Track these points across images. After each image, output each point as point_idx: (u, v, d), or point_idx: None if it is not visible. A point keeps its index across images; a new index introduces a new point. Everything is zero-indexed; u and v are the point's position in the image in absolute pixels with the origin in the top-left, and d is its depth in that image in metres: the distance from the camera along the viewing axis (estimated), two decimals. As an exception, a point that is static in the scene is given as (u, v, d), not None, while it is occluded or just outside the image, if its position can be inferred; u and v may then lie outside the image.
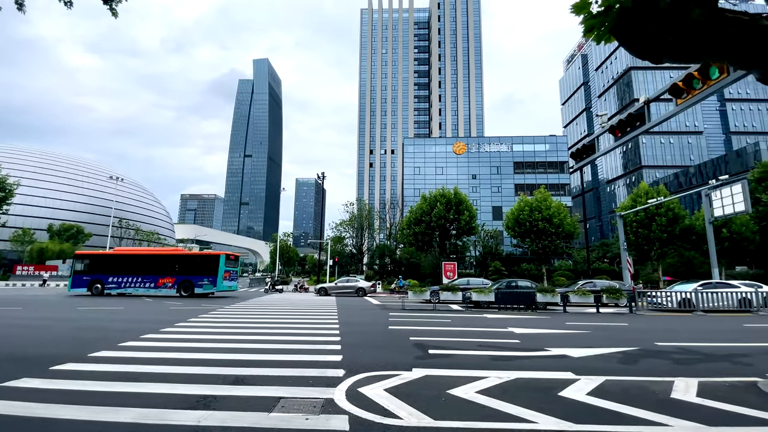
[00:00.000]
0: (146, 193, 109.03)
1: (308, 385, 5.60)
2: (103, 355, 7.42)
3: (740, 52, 2.54)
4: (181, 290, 24.74)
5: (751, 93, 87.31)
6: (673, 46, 2.61)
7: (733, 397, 5.24)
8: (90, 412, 4.45)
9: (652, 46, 2.67)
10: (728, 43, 2.50)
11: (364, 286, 29.12)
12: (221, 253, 25.51)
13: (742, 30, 2.40)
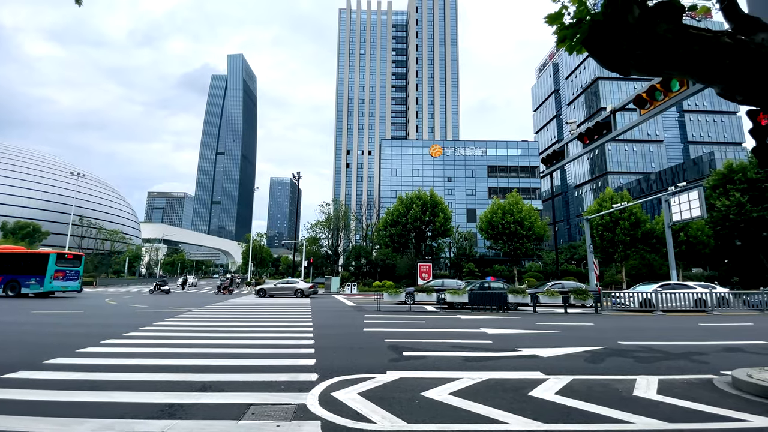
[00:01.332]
0: (110, 190, 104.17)
1: (280, 390, 5.47)
2: (60, 362, 6.97)
3: (702, 67, 2.68)
4: (7, 290, 24.25)
5: (708, 105, 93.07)
6: (641, 59, 2.73)
7: (691, 394, 5.52)
8: (47, 424, 4.16)
9: (620, 59, 2.78)
10: (692, 58, 2.64)
11: (303, 287, 29.34)
12: (51, 252, 25.35)
13: (705, 46, 2.53)
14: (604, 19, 2.59)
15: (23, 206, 75.77)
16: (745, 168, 36.12)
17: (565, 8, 2.85)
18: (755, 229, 34.17)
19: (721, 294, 19.59)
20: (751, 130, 5.73)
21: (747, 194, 34.89)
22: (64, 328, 11.68)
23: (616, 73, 2.99)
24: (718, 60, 2.56)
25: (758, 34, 2.66)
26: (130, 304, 21.13)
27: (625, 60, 2.70)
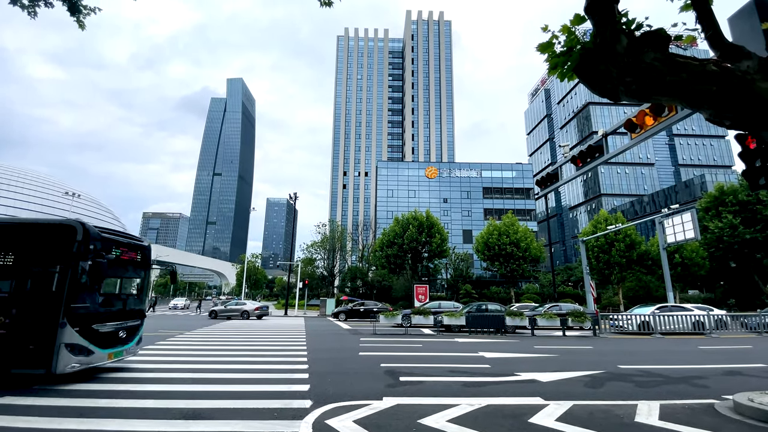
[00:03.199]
0: (105, 210, 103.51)
1: (273, 417, 5.30)
2: (47, 387, 6.74)
3: (690, 94, 2.77)
4: None
5: (697, 129, 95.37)
6: (630, 86, 2.82)
7: (693, 419, 5.41)
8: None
9: (610, 86, 2.87)
10: (679, 85, 2.73)
11: (249, 308, 29.46)
12: None
13: (692, 73, 2.63)
14: (593, 48, 2.69)
15: (15, 226, 74.99)
16: (736, 190, 36.69)
17: (555, 37, 2.96)
18: (749, 250, 34.40)
19: (718, 316, 19.50)
20: (740, 154, 5.86)
21: (739, 216, 35.30)
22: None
23: (606, 99, 3.09)
24: (705, 87, 2.65)
25: (743, 62, 2.77)
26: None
27: (614, 87, 2.79)
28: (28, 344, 6.87)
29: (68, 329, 6.97)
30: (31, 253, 7.49)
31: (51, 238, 7.56)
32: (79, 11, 7.76)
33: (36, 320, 6.99)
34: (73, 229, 7.43)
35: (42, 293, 7.20)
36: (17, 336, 6.90)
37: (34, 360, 6.82)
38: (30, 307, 7.08)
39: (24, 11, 7.53)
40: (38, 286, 7.31)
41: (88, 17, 8.03)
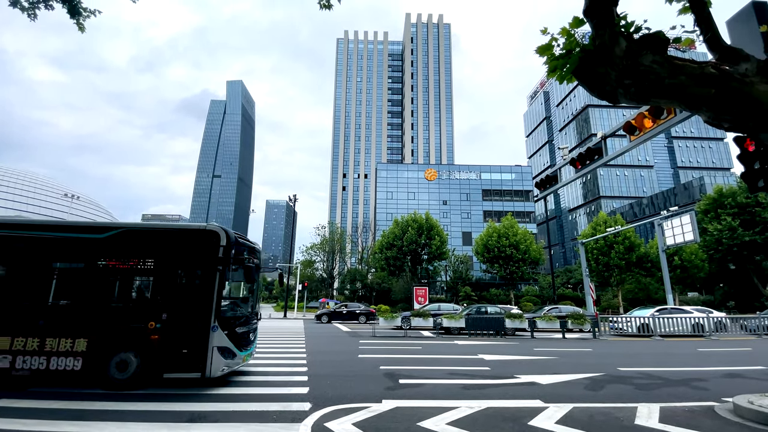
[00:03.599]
0: (103, 212, 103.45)
1: (271, 420, 5.28)
2: (44, 390, 6.70)
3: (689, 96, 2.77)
4: None
5: (696, 132, 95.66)
6: (629, 89, 2.82)
7: (693, 422, 5.40)
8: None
9: (609, 88, 2.88)
10: (678, 87, 2.74)
11: None
12: None
13: (691, 76, 2.64)
14: (592, 51, 2.70)
15: (14, 228, 74.87)
16: (735, 193, 36.77)
17: (554, 40, 2.98)
18: (748, 252, 34.45)
19: (718, 319, 19.50)
20: (739, 156, 5.88)
21: (738, 218, 35.36)
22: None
23: (605, 101, 3.10)
24: (703, 89, 2.66)
25: (741, 65, 2.78)
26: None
27: (613, 89, 2.80)
28: (182, 348, 7.02)
29: (219, 332, 7.12)
30: (177, 258, 7.65)
31: (196, 243, 7.71)
32: (79, 13, 7.78)
33: (188, 324, 7.15)
34: (217, 234, 7.62)
35: (192, 298, 7.37)
36: (170, 340, 7.04)
37: (188, 364, 6.97)
38: (180, 312, 7.24)
39: (24, 13, 7.56)
40: (187, 291, 7.50)
41: (88, 19, 8.06)
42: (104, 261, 7.54)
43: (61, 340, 6.92)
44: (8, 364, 6.78)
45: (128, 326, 7.12)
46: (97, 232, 7.77)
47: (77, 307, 7.37)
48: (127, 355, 6.97)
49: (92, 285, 7.48)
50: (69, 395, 6.44)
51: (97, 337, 7.00)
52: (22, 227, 7.88)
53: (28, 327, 7.00)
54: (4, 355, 6.81)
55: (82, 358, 6.87)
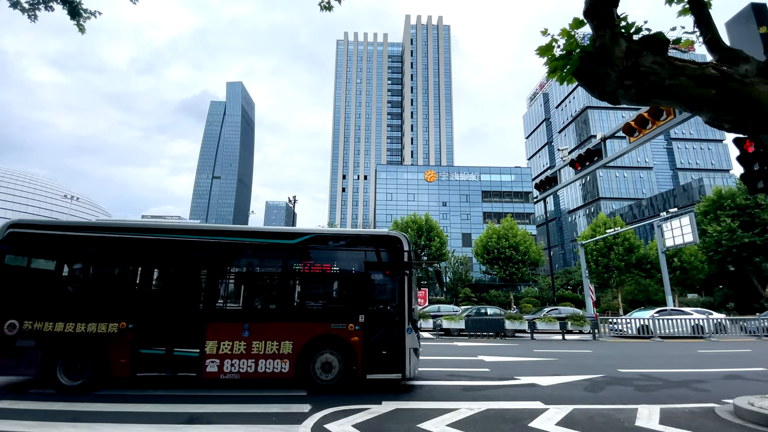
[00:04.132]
0: (103, 213, 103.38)
1: (271, 422, 5.26)
2: (44, 392, 6.68)
3: (689, 97, 2.78)
4: None
5: (695, 133, 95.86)
6: (629, 90, 2.83)
7: (694, 424, 5.39)
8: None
9: (609, 89, 2.88)
10: (678, 88, 2.74)
11: None
12: None
13: (691, 77, 2.64)
14: (593, 52, 2.70)
15: (13, 229, 74.82)
16: (734, 194, 36.81)
17: (555, 41, 2.98)
18: (747, 254, 34.47)
19: (718, 320, 19.50)
20: (738, 157, 5.88)
21: (737, 220, 35.40)
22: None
23: (605, 102, 3.10)
24: (704, 90, 2.66)
25: (741, 66, 2.79)
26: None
27: (613, 90, 2.81)
28: (381, 350, 7.29)
29: (412, 334, 7.40)
30: (365, 262, 7.87)
31: (380, 248, 7.99)
32: (79, 15, 7.79)
33: (385, 327, 7.43)
34: (399, 240, 7.92)
35: (385, 301, 7.76)
36: (369, 342, 7.31)
37: (389, 365, 7.23)
38: (376, 315, 7.52)
39: (24, 15, 7.56)
40: (380, 294, 7.86)
41: (89, 21, 8.07)
42: (299, 265, 7.79)
43: (267, 342, 7.13)
44: (216, 369, 6.97)
45: (329, 329, 7.34)
46: (290, 237, 8.09)
47: (280, 310, 7.64)
48: (330, 357, 7.23)
49: (291, 289, 7.80)
50: (67, 397, 6.42)
51: (300, 340, 7.21)
52: (225, 233, 8.10)
53: (233, 331, 7.17)
54: (212, 359, 6.99)
55: (289, 360, 7.10)
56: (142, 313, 7.22)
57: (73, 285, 7.72)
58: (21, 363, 6.70)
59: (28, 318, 6.86)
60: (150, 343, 7.01)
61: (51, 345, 6.79)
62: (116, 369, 6.82)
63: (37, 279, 7.56)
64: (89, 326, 6.93)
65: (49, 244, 7.60)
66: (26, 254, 7.54)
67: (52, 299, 7.21)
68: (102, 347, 6.88)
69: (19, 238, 7.40)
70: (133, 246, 7.64)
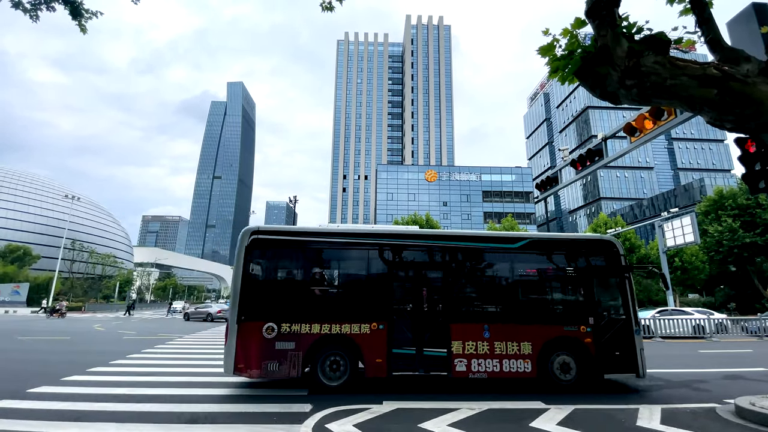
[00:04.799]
0: (104, 214, 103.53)
1: (272, 421, 5.27)
2: (44, 391, 6.70)
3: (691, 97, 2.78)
4: None
5: (696, 133, 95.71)
6: (631, 89, 2.83)
7: (695, 423, 5.39)
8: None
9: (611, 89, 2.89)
10: (680, 88, 2.75)
11: (212, 311, 30.29)
12: None
13: (693, 77, 2.64)
14: (595, 52, 2.71)
15: (15, 229, 74.89)
16: (736, 194, 36.75)
17: (556, 41, 2.99)
18: (749, 254, 34.41)
19: (719, 320, 19.46)
20: (740, 157, 5.87)
21: (739, 220, 35.34)
22: (51, 355, 11.30)
23: (607, 102, 3.11)
24: (706, 90, 2.67)
25: (743, 65, 2.79)
26: (118, 330, 20.58)
27: (615, 90, 2.81)
28: (614, 351, 7.51)
29: (640, 334, 7.67)
30: (584, 265, 8.05)
31: (596, 252, 8.17)
32: (80, 15, 7.79)
33: (615, 328, 7.63)
34: (613, 243, 8.14)
35: (611, 303, 8.00)
36: (602, 343, 7.49)
37: (623, 365, 7.45)
38: (604, 317, 7.75)
39: (26, 15, 7.57)
40: (606, 297, 8.09)
41: (90, 21, 8.07)
42: (526, 269, 8.15)
43: (508, 343, 7.39)
44: (465, 368, 7.22)
45: (562, 331, 7.55)
46: (511, 242, 8.33)
47: (515, 312, 7.84)
48: (567, 358, 7.43)
49: (523, 292, 8.05)
50: (71, 396, 6.44)
51: (537, 342, 7.43)
52: (459, 238, 8.41)
53: (475, 332, 7.44)
54: (459, 359, 7.24)
55: (530, 360, 7.32)
56: (390, 314, 7.46)
57: (322, 288, 7.97)
58: (283, 364, 6.96)
59: (284, 321, 7.14)
60: (401, 344, 7.29)
61: (309, 346, 7.08)
62: (372, 369, 7.13)
63: (286, 282, 7.88)
64: (343, 327, 7.21)
65: (294, 248, 7.94)
66: (272, 258, 7.86)
67: (304, 302, 7.49)
68: (356, 348, 7.18)
69: (264, 244, 7.68)
70: (376, 251, 7.95)
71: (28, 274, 57.07)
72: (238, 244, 7.61)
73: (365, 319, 7.27)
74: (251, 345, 6.96)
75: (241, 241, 7.61)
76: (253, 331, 7.02)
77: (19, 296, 47.51)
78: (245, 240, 7.57)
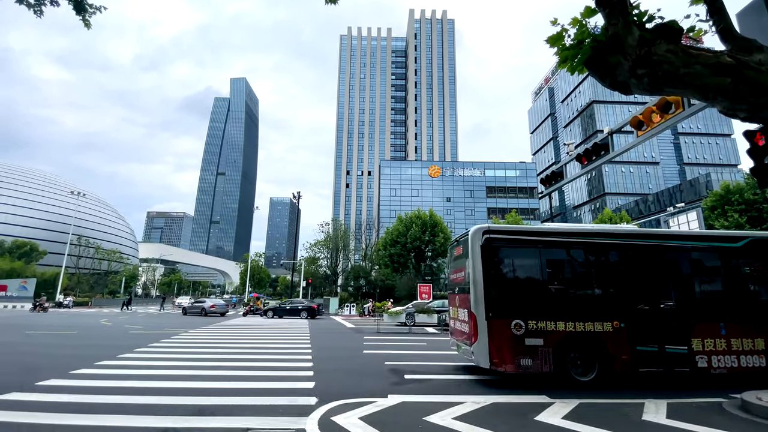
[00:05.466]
0: (109, 210, 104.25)
1: (278, 414, 5.30)
2: (52, 384, 6.78)
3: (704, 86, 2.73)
4: None
5: (702, 128, 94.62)
6: (642, 79, 2.79)
7: (701, 418, 5.37)
8: (32, 450, 4.01)
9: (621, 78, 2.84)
10: (693, 77, 2.70)
11: (206, 306, 31.22)
12: None
13: (706, 65, 2.60)
14: (605, 41, 2.67)
15: (22, 225, 75.58)
16: (742, 189, 36.33)
17: (565, 31, 2.94)
18: (755, 250, 34.09)
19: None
20: (748, 151, 5.78)
21: (745, 215, 34.98)
22: (58, 349, 11.43)
23: (617, 92, 3.07)
24: (719, 78, 2.62)
25: (755, 55, 2.74)
26: (124, 325, 20.77)
27: (626, 79, 2.77)
28: None
29: None
30: None
31: None
32: (84, 10, 7.77)
33: None
34: None
35: None
36: None
37: None
38: None
39: (30, 10, 7.56)
40: None
41: (94, 16, 8.06)
42: (748, 268, 8.29)
43: (743, 340, 7.61)
44: (706, 364, 7.48)
45: None
46: (733, 241, 8.48)
47: (746, 311, 7.94)
48: None
49: (751, 291, 8.22)
50: (79, 389, 6.51)
51: None
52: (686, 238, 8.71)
53: (712, 330, 7.65)
54: (700, 356, 7.52)
55: (765, 356, 7.56)
56: (630, 312, 7.65)
57: (563, 286, 8.12)
58: (535, 360, 7.19)
59: (530, 318, 7.35)
60: (643, 341, 7.50)
61: (557, 343, 7.28)
62: (619, 365, 7.36)
63: (526, 281, 8.02)
64: (587, 325, 7.42)
65: (529, 247, 8.14)
66: (507, 257, 8.04)
67: (547, 300, 7.72)
68: (602, 345, 7.38)
69: (496, 243, 7.90)
70: (615, 251, 8.21)
71: (35, 270, 57.66)
72: (470, 242, 7.88)
73: (607, 318, 7.49)
74: (502, 341, 7.25)
75: (473, 240, 7.88)
76: (502, 328, 7.30)
77: (27, 291, 48.03)
78: (478, 239, 7.84)
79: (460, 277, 8.65)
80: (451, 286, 9.71)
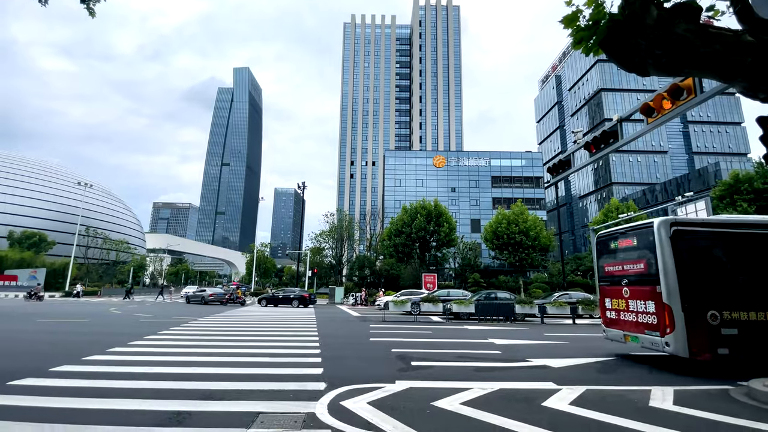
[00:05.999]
0: (116, 200, 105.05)
1: (288, 399, 5.39)
2: (66, 370, 6.92)
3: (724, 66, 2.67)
4: None
5: (712, 116, 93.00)
6: (660, 59, 2.72)
7: (708, 404, 5.38)
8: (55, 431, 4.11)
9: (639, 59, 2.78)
10: (713, 56, 2.63)
11: (205, 295, 32.20)
12: None
13: (726, 45, 2.53)
14: (622, 20, 2.60)
15: (31, 216, 76.47)
16: (752, 178, 35.82)
17: (580, 11, 2.88)
18: (764, 239, 33.73)
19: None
20: (761, 137, 5.67)
21: (755, 204, 34.53)
22: (71, 336, 11.64)
23: (634, 73, 3.00)
24: (740, 58, 2.55)
25: (774, 36, 2.69)
26: (134, 313, 21.09)
27: (642, 60, 2.71)
28: None
29: None
30: None
31: None
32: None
33: None
34: None
35: None
36: None
37: None
38: None
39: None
40: None
41: (98, 5, 8.00)
42: None
43: None
44: None
45: None
46: None
47: None
48: None
49: None
50: (92, 375, 6.65)
51: None
52: None
53: None
54: None
55: None
56: None
57: (756, 277, 7.97)
58: (732, 349, 7.24)
59: (724, 309, 7.42)
60: None
61: (752, 333, 7.34)
62: None
63: (718, 272, 7.94)
64: None
65: (719, 239, 8.15)
66: (697, 249, 8.07)
67: (739, 291, 7.70)
68: None
69: (684, 234, 7.94)
70: None
71: (45, 260, 58.52)
72: (657, 234, 7.92)
73: None
74: (698, 331, 7.31)
75: (659, 231, 7.92)
76: (698, 319, 7.35)
77: (36, 281, 48.86)
78: (666, 230, 7.88)
79: (634, 269, 8.65)
80: (607, 278, 9.61)
